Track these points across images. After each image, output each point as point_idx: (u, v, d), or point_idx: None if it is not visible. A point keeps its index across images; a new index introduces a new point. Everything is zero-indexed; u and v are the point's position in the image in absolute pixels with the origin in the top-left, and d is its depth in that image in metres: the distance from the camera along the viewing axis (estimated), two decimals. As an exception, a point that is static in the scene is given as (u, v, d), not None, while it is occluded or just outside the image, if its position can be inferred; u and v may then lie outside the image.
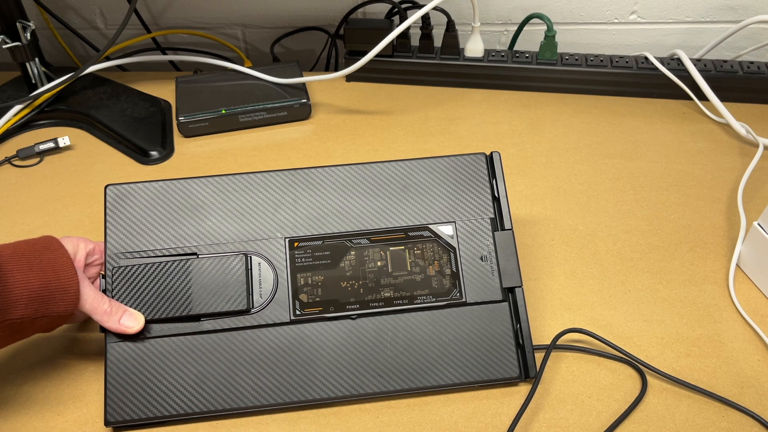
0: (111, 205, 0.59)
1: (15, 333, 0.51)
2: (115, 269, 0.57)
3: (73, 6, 0.99)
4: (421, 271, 0.58)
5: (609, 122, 0.85)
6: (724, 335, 0.61)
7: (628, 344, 0.60)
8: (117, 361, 0.55)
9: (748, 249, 0.66)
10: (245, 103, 0.84)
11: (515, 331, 0.57)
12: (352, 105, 0.88)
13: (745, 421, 0.54)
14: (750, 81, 0.86)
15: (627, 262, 0.68)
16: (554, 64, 0.88)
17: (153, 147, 0.81)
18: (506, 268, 0.59)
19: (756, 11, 0.92)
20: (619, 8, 0.94)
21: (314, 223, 0.59)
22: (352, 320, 0.57)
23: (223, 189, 0.60)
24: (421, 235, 0.59)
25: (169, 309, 0.56)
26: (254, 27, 1.01)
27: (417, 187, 0.61)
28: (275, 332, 0.56)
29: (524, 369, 0.56)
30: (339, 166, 0.61)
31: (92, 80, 0.90)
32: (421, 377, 0.56)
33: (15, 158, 0.81)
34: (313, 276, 0.58)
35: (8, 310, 0.49)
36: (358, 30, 0.88)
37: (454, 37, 0.88)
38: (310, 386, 0.55)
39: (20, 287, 0.49)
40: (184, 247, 0.58)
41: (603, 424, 0.54)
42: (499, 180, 0.61)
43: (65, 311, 0.52)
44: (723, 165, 0.78)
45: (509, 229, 0.59)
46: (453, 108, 0.87)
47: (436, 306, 0.58)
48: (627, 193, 0.75)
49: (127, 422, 0.54)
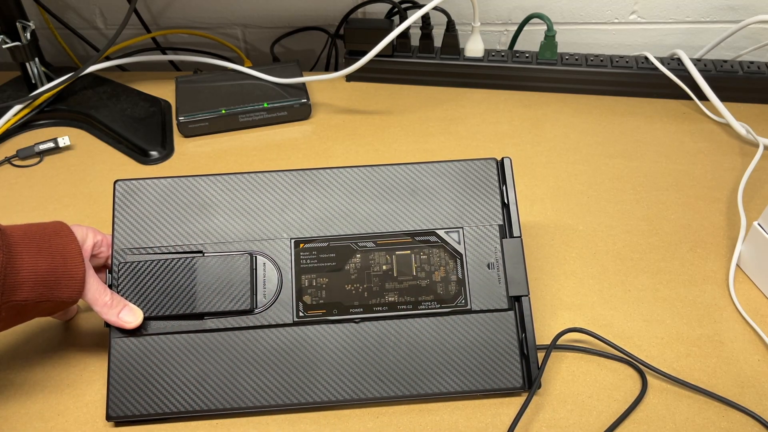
0: (119, 200, 0.59)
1: (18, 315, 0.51)
2: (122, 265, 0.57)
3: (73, 6, 0.99)
4: (426, 277, 0.58)
5: (609, 122, 0.85)
6: (724, 335, 0.61)
7: (628, 344, 0.60)
8: (120, 356, 0.55)
9: (748, 249, 0.66)
10: (245, 103, 0.84)
11: (520, 340, 0.57)
12: (352, 105, 0.88)
13: (745, 421, 0.55)
14: (750, 81, 0.86)
15: (627, 262, 0.68)
16: (554, 64, 0.88)
17: (153, 147, 0.81)
18: (513, 276, 0.58)
19: (756, 11, 0.92)
20: (619, 8, 0.94)
21: (320, 224, 0.59)
22: (356, 324, 0.57)
23: (230, 188, 0.60)
24: (428, 240, 0.59)
25: (174, 306, 0.56)
26: (254, 27, 1.01)
27: (425, 191, 0.60)
28: (278, 333, 0.56)
29: (528, 379, 0.56)
30: (347, 167, 0.61)
31: (92, 80, 0.90)
32: (423, 384, 0.55)
33: (15, 158, 0.81)
34: (318, 278, 0.58)
35: (14, 291, 0.49)
36: (358, 30, 0.88)
37: (454, 37, 0.88)
38: (311, 388, 0.55)
39: (27, 269, 0.50)
40: (190, 245, 0.58)
41: (603, 424, 0.55)
42: (509, 186, 0.60)
43: (69, 298, 0.52)
44: (723, 165, 0.78)
45: (518, 236, 0.59)
46: (453, 108, 0.87)
47: (441, 312, 0.57)
48: (627, 193, 0.75)
49: (128, 417, 0.54)
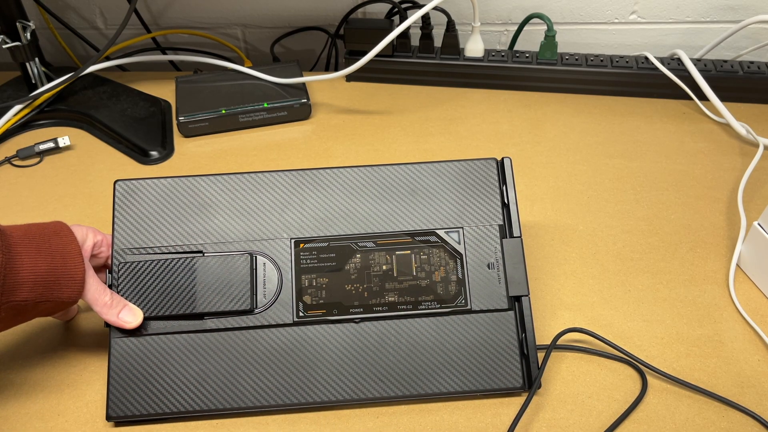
0: (119, 200, 0.59)
1: (18, 315, 0.51)
2: (122, 265, 0.57)
3: (73, 6, 0.99)
4: (426, 277, 0.58)
5: (609, 122, 0.85)
6: (724, 335, 0.61)
7: (628, 344, 0.60)
8: (120, 356, 0.55)
9: (748, 249, 0.66)
10: (245, 103, 0.84)
11: (520, 340, 0.57)
12: (352, 105, 0.88)
13: (745, 421, 0.55)
14: (750, 81, 0.86)
15: (627, 262, 0.68)
16: (554, 64, 0.88)
17: (153, 147, 0.81)
18: (513, 276, 0.58)
19: (756, 11, 0.92)
20: (619, 8, 0.94)
21: (320, 224, 0.59)
22: (356, 324, 0.57)
23: (230, 187, 0.60)
24: (428, 240, 0.59)
25: (174, 306, 0.56)
26: (254, 27, 1.01)
27: (425, 191, 0.60)
28: (278, 333, 0.56)
29: (528, 379, 0.56)
30: (347, 167, 0.61)
31: (92, 80, 0.90)
32: (422, 384, 0.55)
33: (15, 158, 0.81)
34: (318, 278, 0.58)
35: (14, 291, 0.49)
36: (358, 30, 0.88)
37: (454, 37, 0.88)
38: (311, 389, 0.55)
39: (27, 270, 0.50)
40: (190, 245, 0.58)
41: (603, 424, 0.55)
42: (509, 186, 0.60)
43: (69, 298, 0.52)
44: (723, 165, 0.78)
45: (518, 236, 0.59)
46: (453, 108, 0.87)
47: (441, 312, 0.57)
48: (627, 193, 0.75)
49: (128, 417, 0.54)
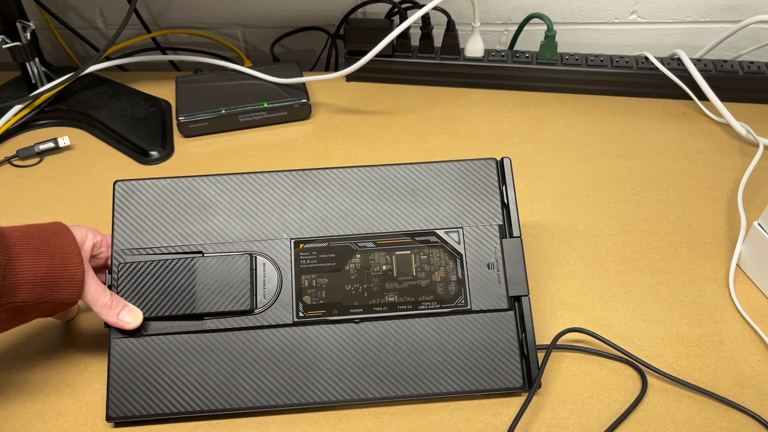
0: (119, 200, 0.59)
1: (18, 316, 0.52)
2: (121, 265, 0.57)
3: (73, 6, 0.99)
4: (426, 277, 0.58)
5: (609, 122, 0.85)
6: (724, 335, 0.61)
7: (628, 344, 0.60)
8: (120, 356, 0.55)
9: (748, 249, 0.66)
10: (245, 103, 0.84)
11: (520, 340, 0.57)
12: (352, 105, 0.88)
13: (745, 421, 0.55)
14: (750, 81, 0.86)
15: (627, 262, 0.68)
16: (554, 64, 0.88)
17: (153, 147, 0.81)
18: (513, 276, 0.58)
19: (756, 11, 0.92)
20: (619, 8, 0.94)
21: (320, 224, 0.59)
22: (356, 324, 0.57)
23: (230, 188, 0.60)
24: (428, 240, 0.59)
25: (173, 307, 0.56)
26: (254, 27, 1.01)
27: (425, 192, 0.60)
28: (278, 333, 0.56)
29: (528, 379, 0.56)
30: (347, 167, 0.61)
31: (92, 80, 0.90)
32: (422, 384, 0.55)
33: (15, 158, 0.81)
34: (318, 278, 0.58)
35: (13, 292, 0.49)
36: (358, 30, 0.88)
37: (454, 37, 0.88)
38: (311, 389, 0.55)
39: (26, 271, 0.50)
40: (190, 245, 0.58)
41: (603, 424, 0.55)
42: (509, 186, 0.60)
43: (69, 299, 0.52)
44: (723, 165, 0.78)
45: (518, 236, 0.59)
46: (453, 108, 0.87)
47: (441, 312, 0.57)
48: (627, 193, 0.75)
49: (128, 418, 0.54)
